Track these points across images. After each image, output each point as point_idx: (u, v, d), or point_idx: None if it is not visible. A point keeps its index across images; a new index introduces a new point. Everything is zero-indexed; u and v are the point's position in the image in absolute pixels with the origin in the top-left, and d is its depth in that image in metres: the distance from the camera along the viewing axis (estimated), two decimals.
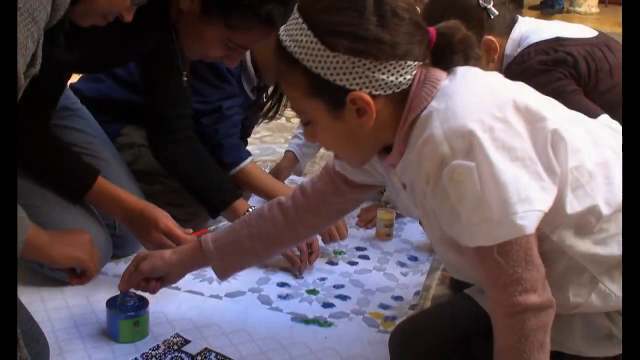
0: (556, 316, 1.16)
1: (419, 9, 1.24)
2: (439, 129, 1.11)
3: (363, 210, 2.41)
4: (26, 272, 1.74)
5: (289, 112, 3.65)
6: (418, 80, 1.19)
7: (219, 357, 1.55)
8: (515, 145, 1.10)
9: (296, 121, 3.49)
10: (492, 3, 1.74)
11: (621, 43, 1.94)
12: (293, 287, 1.89)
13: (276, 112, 2.13)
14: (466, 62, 1.23)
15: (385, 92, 1.16)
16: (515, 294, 1.11)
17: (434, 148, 1.10)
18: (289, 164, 2.49)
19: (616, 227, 1.16)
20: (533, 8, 8.63)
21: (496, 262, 1.11)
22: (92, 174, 1.75)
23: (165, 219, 1.75)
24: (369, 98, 1.16)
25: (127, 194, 1.78)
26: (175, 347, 1.56)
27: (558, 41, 1.81)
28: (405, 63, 1.16)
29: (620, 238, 1.15)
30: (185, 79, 1.80)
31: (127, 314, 1.55)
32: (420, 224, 2.27)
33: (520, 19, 1.89)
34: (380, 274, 2.00)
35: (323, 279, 1.94)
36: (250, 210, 1.91)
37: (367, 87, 1.15)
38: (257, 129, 2.55)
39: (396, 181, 1.30)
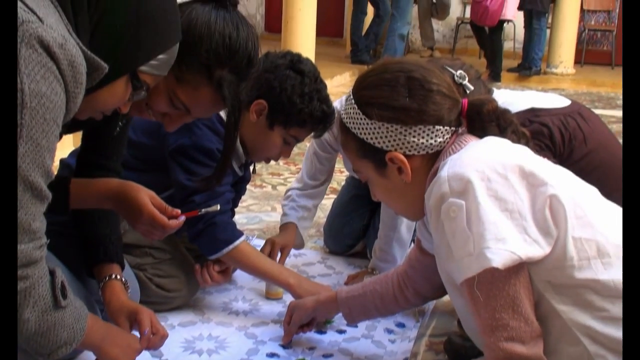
0: None
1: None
2: (445, 171, 1.27)
3: (350, 277, 2.43)
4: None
5: (275, 180, 3.73)
6: (451, 142, 1.38)
7: None
8: (508, 198, 1.21)
9: (281, 189, 3.54)
10: (467, 79, 1.81)
11: (593, 110, 2.03)
12: (282, 357, 1.90)
13: (211, 185, 2.05)
14: (502, 133, 1.39)
15: (419, 152, 1.38)
16: (501, 339, 1.20)
17: (438, 187, 1.26)
18: (287, 236, 2.45)
19: (619, 311, 1.19)
20: (511, 70, 8.86)
21: (479, 298, 1.20)
22: (63, 182, 1.69)
23: (146, 206, 1.67)
24: (402, 157, 1.39)
25: (104, 181, 1.70)
26: None
27: (532, 112, 1.88)
28: (434, 127, 1.37)
29: (621, 324, 1.17)
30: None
31: None
32: None
33: (495, 91, 1.96)
34: (368, 342, 2.02)
35: (312, 348, 1.95)
36: (117, 277, 1.76)
37: (400, 148, 1.39)
38: (243, 197, 2.58)
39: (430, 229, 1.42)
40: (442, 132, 1.37)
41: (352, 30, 8.78)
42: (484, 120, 1.39)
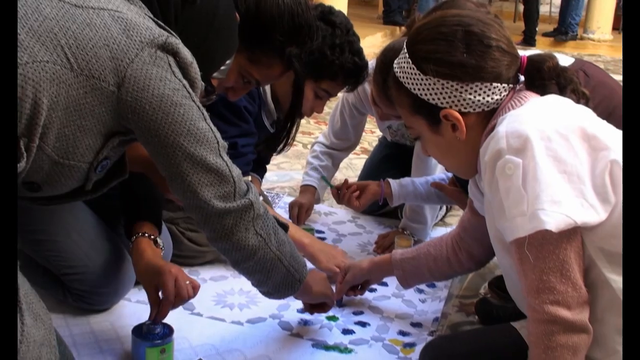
0: None
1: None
2: (504, 127, 1.23)
3: (380, 237, 2.43)
4: (51, 301, 1.76)
5: (306, 139, 3.72)
6: (510, 98, 1.33)
7: None
8: (567, 160, 1.18)
9: None
10: None
11: (600, 66, 1.97)
12: None
13: (284, 145, 2.14)
14: (561, 92, 1.35)
15: (474, 109, 1.33)
16: (546, 302, 1.18)
17: (495, 142, 1.22)
18: (311, 197, 2.49)
19: None
20: (546, 35, 8.68)
21: (528, 259, 1.18)
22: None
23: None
24: (458, 114, 1.34)
25: (135, 145, 1.59)
26: None
27: None
28: (491, 84, 1.32)
29: None
30: None
31: (153, 342, 1.57)
32: None
33: None
34: (399, 301, 2.02)
35: (342, 306, 1.96)
36: (145, 234, 1.71)
37: (455, 105, 1.34)
38: (273, 155, 2.58)
39: (482, 187, 1.39)
40: (499, 90, 1.32)
41: None
42: (544, 77, 1.34)
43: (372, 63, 2.25)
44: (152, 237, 1.71)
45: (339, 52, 2.02)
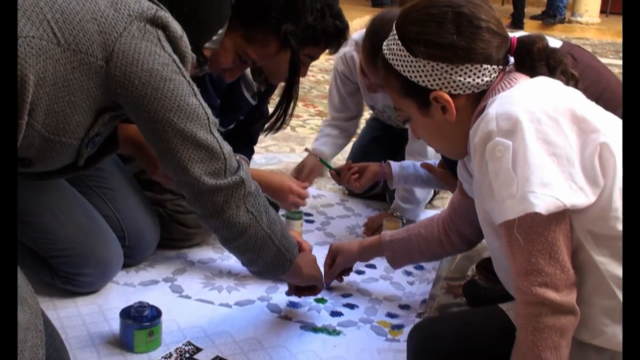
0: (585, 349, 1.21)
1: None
2: (494, 108, 1.22)
3: (370, 219, 2.43)
4: (38, 283, 1.76)
5: (294, 122, 3.71)
6: (499, 79, 1.32)
7: None
8: (557, 142, 1.17)
9: (301, 130, 3.52)
10: None
11: (588, 49, 1.96)
12: None
13: (282, 123, 2.13)
14: (551, 73, 1.34)
15: (464, 91, 1.32)
16: (534, 284, 1.18)
17: (485, 124, 1.22)
18: (314, 160, 2.51)
19: None
20: (534, 18, 8.68)
21: (517, 241, 1.18)
22: None
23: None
24: (448, 97, 1.33)
25: (130, 127, 1.68)
26: (187, 355, 1.59)
27: None
28: (481, 66, 1.31)
29: None
30: None
31: (141, 324, 1.56)
32: None
33: None
34: (387, 283, 2.02)
35: (330, 289, 1.96)
36: None
37: (445, 87, 1.33)
38: (262, 138, 2.56)
39: (471, 169, 1.40)
40: (489, 71, 1.32)
41: None
42: (534, 59, 1.34)
43: (359, 34, 2.24)
44: None
45: (320, 17, 1.98)
